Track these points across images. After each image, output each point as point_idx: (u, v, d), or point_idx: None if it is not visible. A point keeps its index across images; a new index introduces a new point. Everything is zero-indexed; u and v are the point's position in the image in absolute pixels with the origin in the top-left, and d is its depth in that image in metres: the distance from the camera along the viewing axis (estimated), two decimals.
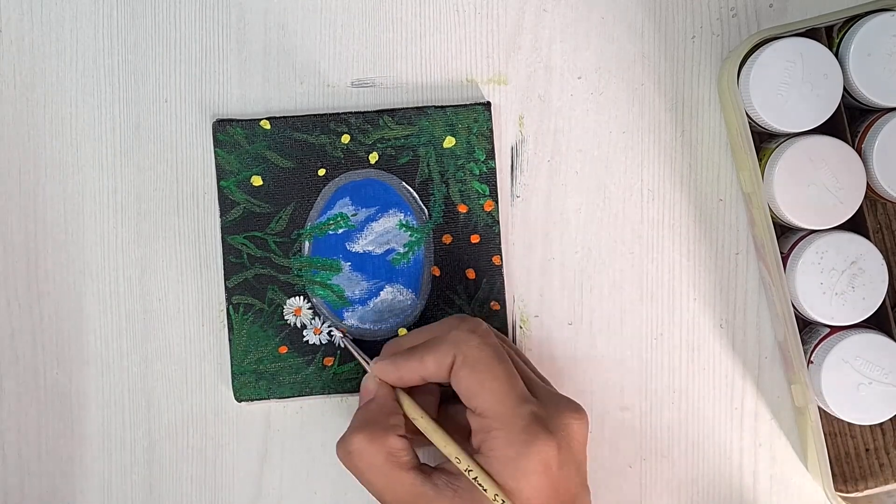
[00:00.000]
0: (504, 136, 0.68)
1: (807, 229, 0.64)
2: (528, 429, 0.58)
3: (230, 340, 0.67)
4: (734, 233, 0.68)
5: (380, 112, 0.67)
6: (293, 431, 0.68)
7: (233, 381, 0.67)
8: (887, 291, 0.63)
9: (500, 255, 0.67)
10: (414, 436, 0.62)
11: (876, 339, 0.62)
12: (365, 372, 0.64)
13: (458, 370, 0.60)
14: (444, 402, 0.64)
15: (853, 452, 0.67)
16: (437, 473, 0.60)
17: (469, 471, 0.59)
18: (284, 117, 0.67)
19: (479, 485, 0.59)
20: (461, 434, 0.61)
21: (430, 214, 0.67)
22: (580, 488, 0.60)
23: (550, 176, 0.68)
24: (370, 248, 0.67)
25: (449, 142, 0.67)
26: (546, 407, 0.60)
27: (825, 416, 0.65)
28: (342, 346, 0.66)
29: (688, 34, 0.67)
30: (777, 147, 0.63)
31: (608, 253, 0.68)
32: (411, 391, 0.63)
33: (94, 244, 0.68)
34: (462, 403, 0.61)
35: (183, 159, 0.68)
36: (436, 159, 0.67)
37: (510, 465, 0.58)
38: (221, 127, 0.67)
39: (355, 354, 0.65)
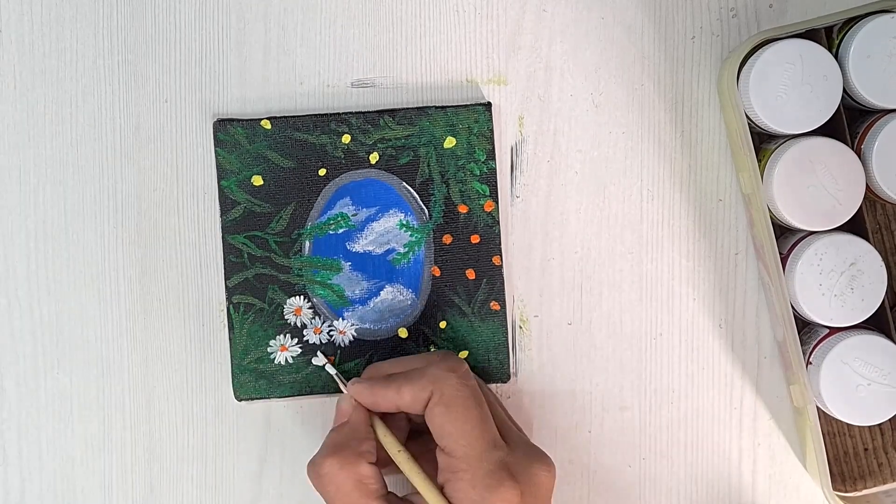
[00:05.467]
0: (504, 137, 0.68)
1: (806, 230, 0.64)
2: (494, 474, 0.58)
3: (230, 340, 0.67)
4: (734, 233, 0.68)
5: (380, 112, 0.67)
6: (293, 431, 0.68)
7: (233, 381, 0.67)
8: (886, 292, 0.63)
9: (500, 256, 0.67)
10: (384, 464, 0.62)
11: (875, 341, 0.63)
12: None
13: (434, 407, 0.60)
14: (420, 433, 0.64)
15: (852, 452, 0.67)
16: None
17: None
18: (285, 117, 0.67)
19: None
20: (431, 466, 0.61)
21: (430, 214, 0.67)
22: None
23: (550, 176, 0.68)
24: (370, 248, 0.67)
25: (449, 142, 0.67)
26: (515, 454, 0.60)
27: (824, 416, 0.65)
28: (331, 372, 0.66)
29: (688, 34, 0.68)
30: (776, 148, 0.63)
31: (608, 253, 0.68)
32: (383, 417, 0.63)
33: (94, 244, 0.68)
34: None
35: (183, 159, 0.68)
36: (436, 159, 0.67)
37: None
38: (222, 126, 0.67)
39: (334, 377, 0.65)
